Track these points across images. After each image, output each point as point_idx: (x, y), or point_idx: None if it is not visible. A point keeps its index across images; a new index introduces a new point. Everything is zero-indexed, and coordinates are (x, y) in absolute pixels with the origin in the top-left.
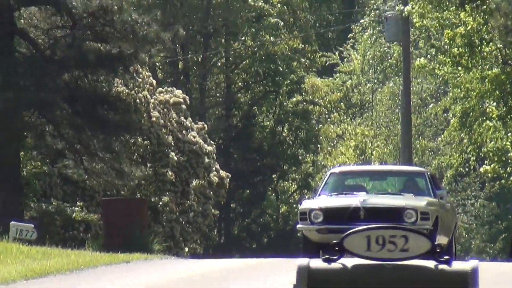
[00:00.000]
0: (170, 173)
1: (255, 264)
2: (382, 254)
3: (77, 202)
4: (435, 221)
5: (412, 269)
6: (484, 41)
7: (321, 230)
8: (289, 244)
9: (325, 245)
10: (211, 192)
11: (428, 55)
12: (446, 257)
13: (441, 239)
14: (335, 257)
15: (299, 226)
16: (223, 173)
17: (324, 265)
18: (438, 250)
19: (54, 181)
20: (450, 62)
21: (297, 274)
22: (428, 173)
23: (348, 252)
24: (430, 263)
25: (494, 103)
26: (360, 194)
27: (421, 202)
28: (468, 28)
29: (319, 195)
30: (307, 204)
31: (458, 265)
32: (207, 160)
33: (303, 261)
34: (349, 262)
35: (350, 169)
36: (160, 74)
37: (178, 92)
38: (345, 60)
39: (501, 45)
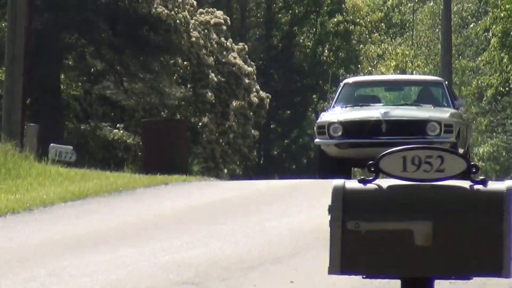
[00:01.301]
0: (210, 94)
1: (294, 185)
2: (418, 174)
3: (116, 124)
4: (457, 134)
5: (447, 189)
6: None
7: (341, 144)
8: None
9: (343, 160)
10: (251, 113)
11: None
12: (481, 177)
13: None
14: (370, 178)
15: (317, 140)
16: (263, 94)
17: (360, 186)
18: (474, 170)
19: (93, 101)
20: None
21: (332, 195)
22: (446, 83)
23: (383, 172)
24: (466, 183)
25: None
26: (377, 106)
27: (443, 113)
28: None
29: (333, 107)
30: (325, 117)
31: (493, 185)
32: (247, 81)
33: (338, 182)
34: (385, 183)
35: (364, 79)
36: None
37: (219, 13)
38: None
39: None
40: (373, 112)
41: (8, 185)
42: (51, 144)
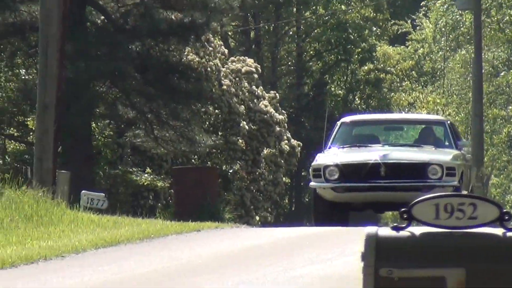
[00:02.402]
0: (241, 141)
1: (325, 232)
2: (451, 222)
3: (146, 170)
4: (460, 177)
5: (480, 236)
6: None
7: (337, 188)
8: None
9: (340, 205)
10: (282, 161)
11: (500, 24)
12: None
13: None
14: (403, 225)
15: (312, 183)
16: (294, 142)
17: (393, 233)
18: (507, 217)
19: (125, 151)
20: None
21: (365, 242)
22: (449, 122)
23: (416, 220)
24: (499, 231)
25: None
26: (376, 147)
27: (445, 156)
28: None
29: (329, 147)
30: (321, 159)
31: None
32: (278, 128)
33: (371, 229)
34: (417, 230)
35: (362, 118)
36: (232, 43)
37: (250, 61)
38: (417, 28)
39: None
40: (371, 154)
41: (41, 232)
42: (83, 191)
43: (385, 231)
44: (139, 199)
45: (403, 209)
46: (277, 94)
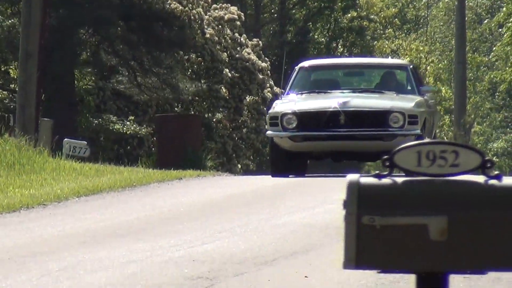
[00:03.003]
0: (223, 89)
1: (307, 181)
2: (433, 169)
3: (129, 117)
4: (423, 125)
5: (462, 184)
6: None
7: (295, 137)
8: None
9: (298, 154)
10: (265, 108)
11: None
12: (496, 172)
13: None
14: (385, 173)
15: (269, 132)
16: (277, 89)
17: (375, 180)
18: (489, 165)
19: (107, 96)
20: None
21: (347, 190)
22: (411, 66)
23: (398, 167)
24: (481, 178)
25: None
26: (335, 93)
27: (408, 103)
28: None
29: (287, 93)
30: (278, 107)
31: (508, 180)
32: (261, 76)
33: (353, 177)
34: (399, 178)
35: (321, 62)
36: None
37: (233, 8)
38: None
39: None
40: (331, 101)
41: (23, 180)
42: (65, 139)
43: (367, 179)
44: (123, 146)
45: (385, 157)
46: (260, 42)
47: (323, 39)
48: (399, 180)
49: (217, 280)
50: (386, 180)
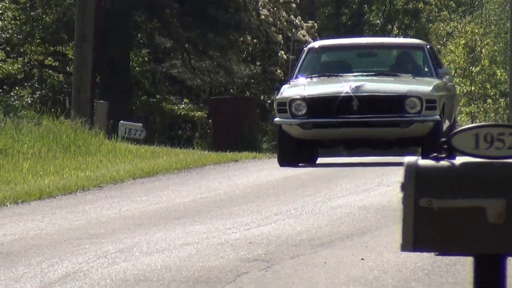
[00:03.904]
0: (279, 71)
1: (363, 162)
2: (491, 151)
3: (184, 100)
4: (442, 109)
5: None
6: None
7: (305, 124)
8: None
9: (308, 142)
10: None
11: None
12: None
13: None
14: (443, 155)
15: (277, 119)
16: None
17: (433, 163)
18: None
19: (160, 78)
20: None
21: (405, 172)
22: (428, 46)
23: (456, 150)
24: None
25: None
26: (347, 77)
27: (425, 86)
28: None
29: (296, 77)
30: (286, 92)
31: None
32: None
33: (411, 159)
34: (457, 160)
35: (332, 43)
36: None
37: None
38: None
39: None
40: (342, 85)
41: (78, 162)
42: (121, 122)
43: (424, 161)
44: (177, 130)
45: (443, 139)
46: (315, 24)
47: (378, 21)
48: (457, 162)
49: (273, 262)
50: (443, 163)
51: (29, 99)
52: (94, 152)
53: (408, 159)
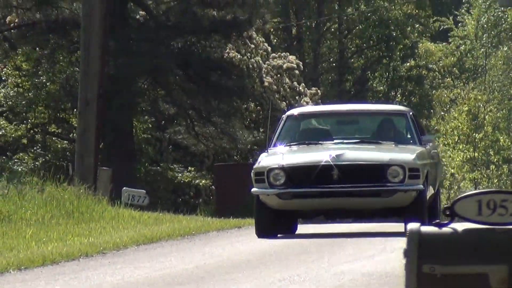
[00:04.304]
0: None
1: (366, 227)
2: (493, 218)
3: (188, 167)
4: (425, 178)
5: None
6: None
7: (284, 194)
8: None
9: (287, 213)
10: None
11: None
12: None
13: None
14: (445, 222)
15: (254, 190)
16: None
17: (435, 229)
18: None
19: (163, 146)
20: None
21: (408, 239)
22: (411, 113)
23: (459, 216)
24: None
25: None
26: (328, 145)
27: (408, 154)
28: None
29: (275, 145)
30: (264, 161)
31: None
32: None
33: (414, 225)
34: (460, 226)
35: (311, 110)
36: (274, 40)
37: (292, 57)
38: (459, 25)
39: None
40: (322, 154)
41: (82, 229)
42: (124, 188)
43: (427, 228)
44: (180, 196)
45: (446, 206)
46: (318, 91)
47: (381, 87)
48: (459, 229)
49: None
50: (446, 229)
51: (32, 164)
52: (97, 219)
53: (410, 225)
